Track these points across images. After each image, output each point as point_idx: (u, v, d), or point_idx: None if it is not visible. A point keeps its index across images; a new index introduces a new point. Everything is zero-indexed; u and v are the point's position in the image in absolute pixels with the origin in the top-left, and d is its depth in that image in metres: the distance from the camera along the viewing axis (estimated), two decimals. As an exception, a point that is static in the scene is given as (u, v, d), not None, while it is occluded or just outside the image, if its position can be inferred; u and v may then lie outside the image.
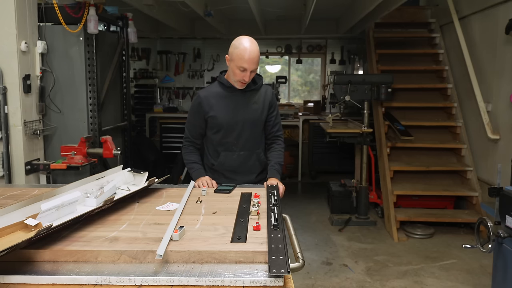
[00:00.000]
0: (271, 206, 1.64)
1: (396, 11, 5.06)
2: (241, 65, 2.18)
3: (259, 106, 2.39)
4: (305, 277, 3.47)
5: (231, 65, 2.25)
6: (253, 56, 2.18)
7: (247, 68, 2.19)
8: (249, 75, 2.22)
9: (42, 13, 3.28)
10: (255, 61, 2.20)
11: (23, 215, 1.32)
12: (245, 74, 2.21)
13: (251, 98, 2.38)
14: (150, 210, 1.64)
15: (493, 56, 4.34)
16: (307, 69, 8.10)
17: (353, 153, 5.30)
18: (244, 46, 2.18)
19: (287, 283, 1.10)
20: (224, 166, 2.40)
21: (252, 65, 2.19)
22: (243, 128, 2.37)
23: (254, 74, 2.30)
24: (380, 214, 4.98)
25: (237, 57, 2.19)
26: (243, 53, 2.17)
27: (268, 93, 2.44)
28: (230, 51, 2.24)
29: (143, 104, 7.67)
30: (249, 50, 2.17)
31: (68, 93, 3.43)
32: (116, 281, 1.10)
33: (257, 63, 2.23)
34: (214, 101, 2.35)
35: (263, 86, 2.44)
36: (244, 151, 2.39)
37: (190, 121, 2.44)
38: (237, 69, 2.21)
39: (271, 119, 2.45)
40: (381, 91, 4.72)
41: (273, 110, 2.45)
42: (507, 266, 2.42)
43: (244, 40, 2.21)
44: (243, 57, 2.17)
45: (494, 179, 3.27)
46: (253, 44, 2.20)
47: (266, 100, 2.41)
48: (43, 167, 3.20)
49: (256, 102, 2.38)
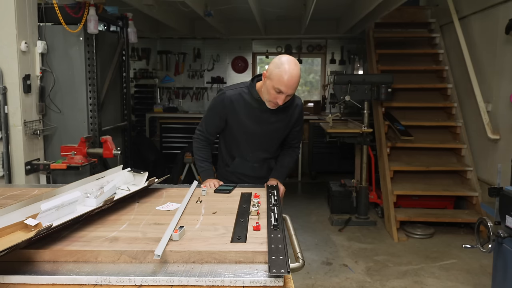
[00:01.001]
0: (271, 206, 1.64)
1: (396, 11, 5.06)
2: (278, 87, 2.02)
3: (283, 125, 2.29)
4: (305, 277, 3.47)
5: (267, 83, 2.08)
6: (294, 81, 2.02)
7: (284, 91, 2.03)
8: (283, 99, 2.07)
9: (42, 13, 3.28)
10: (294, 87, 2.04)
11: (23, 215, 1.32)
12: (280, 97, 2.06)
13: (277, 116, 2.24)
14: (150, 210, 1.64)
15: (493, 56, 4.34)
16: (307, 69, 8.09)
17: (353, 153, 5.30)
18: (286, 68, 2.00)
19: (287, 283, 1.10)
20: (237, 171, 2.41)
21: (290, 90, 2.04)
22: (261, 143, 2.32)
23: (290, 98, 2.14)
24: (380, 214, 4.98)
25: (276, 78, 2.02)
26: (284, 75, 1.99)
27: (297, 110, 2.30)
28: (270, 69, 2.06)
29: (143, 104, 7.68)
30: (291, 73, 2.00)
31: (68, 93, 3.43)
32: (116, 281, 1.10)
33: (296, 88, 2.06)
34: (238, 107, 2.23)
35: (295, 100, 2.29)
36: (259, 163, 2.38)
37: (210, 116, 2.33)
38: (272, 89, 2.05)
39: (291, 135, 2.39)
40: (381, 91, 4.73)
41: (297, 126, 2.36)
42: (507, 266, 2.42)
43: (288, 60, 2.03)
44: (283, 79, 2.00)
45: (494, 179, 3.27)
46: (296, 67, 2.03)
47: (293, 119, 2.30)
48: (43, 167, 3.20)
49: (282, 120, 2.27)
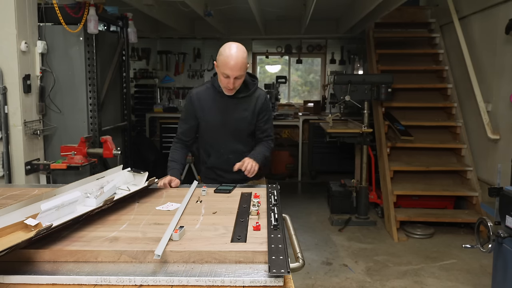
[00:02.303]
0: (271, 206, 1.64)
1: (396, 11, 5.06)
2: (224, 72, 2.15)
3: (248, 114, 2.34)
4: (305, 277, 3.47)
5: (218, 71, 2.23)
6: (236, 63, 2.12)
7: (230, 74, 2.14)
8: (232, 82, 2.17)
9: (42, 13, 3.28)
10: (238, 67, 2.13)
11: (23, 215, 1.32)
12: (229, 80, 2.16)
13: (241, 105, 2.33)
14: (150, 210, 1.64)
15: (493, 56, 4.34)
16: (307, 69, 8.09)
17: (353, 153, 5.30)
18: (227, 52, 2.13)
19: (287, 283, 1.10)
20: (214, 165, 2.42)
21: (235, 72, 2.13)
22: (231, 134, 2.35)
23: (241, 81, 2.23)
24: (380, 214, 4.98)
25: (221, 64, 2.15)
26: (227, 59, 2.12)
27: (260, 99, 2.36)
28: (217, 58, 2.21)
29: (143, 104, 7.67)
30: (233, 56, 2.11)
31: (68, 93, 3.43)
32: (116, 281, 1.10)
33: (242, 69, 2.16)
34: (204, 102, 2.33)
35: (257, 91, 2.37)
36: (233, 155, 2.36)
37: (181, 118, 2.44)
38: (221, 75, 2.18)
39: (259, 126, 2.39)
40: (381, 91, 4.72)
41: (263, 116, 2.38)
42: (507, 266, 2.42)
43: (229, 46, 2.16)
44: (227, 63, 2.12)
45: (494, 179, 3.26)
46: (238, 50, 2.14)
47: (257, 107, 2.34)
48: (43, 167, 3.20)
49: (246, 109, 2.33)
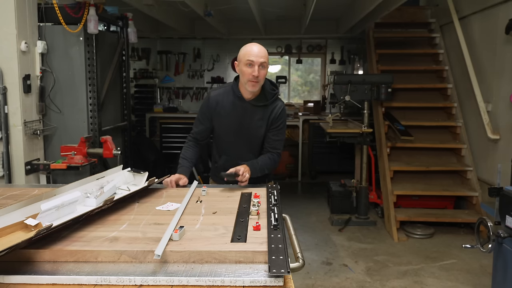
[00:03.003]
0: (271, 206, 1.64)
1: (396, 11, 5.06)
2: (248, 58, 2.14)
3: (263, 123, 2.32)
4: (305, 277, 3.47)
5: (240, 67, 2.21)
6: (260, 50, 2.16)
7: (255, 60, 2.13)
8: (257, 70, 2.13)
9: (42, 13, 3.28)
10: (262, 55, 2.15)
11: (23, 215, 1.32)
12: (253, 69, 2.13)
13: (257, 114, 2.31)
14: (150, 210, 1.64)
15: (493, 56, 4.34)
16: (307, 69, 8.09)
17: (353, 153, 5.30)
18: (249, 45, 2.21)
19: (287, 283, 1.10)
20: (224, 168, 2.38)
21: (259, 58, 2.13)
22: (243, 141, 2.36)
23: (264, 73, 2.19)
24: (380, 214, 4.97)
25: (244, 53, 2.18)
26: (250, 47, 2.17)
27: (276, 110, 2.32)
28: (238, 56, 2.23)
29: (143, 104, 7.67)
30: (255, 46, 2.18)
31: (68, 93, 3.43)
32: (116, 281, 1.10)
33: (265, 57, 2.17)
34: (221, 106, 2.32)
35: (276, 102, 2.34)
36: (243, 161, 2.34)
37: (198, 117, 2.42)
38: (245, 66, 2.16)
39: (269, 136, 2.35)
40: (381, 91, 4.72)
41: (276, 127, 2.34)
42: (507, 266, 2.42)
43: (249, 43, 2.24)
44: (250, 50, 2.16)
45: (494, 179, 3.26)
46: (259, 44, 2.22)
47: (271, 118, 2.32)
48: (43, 167, 3.20)
49: (262, 119, 2.31)
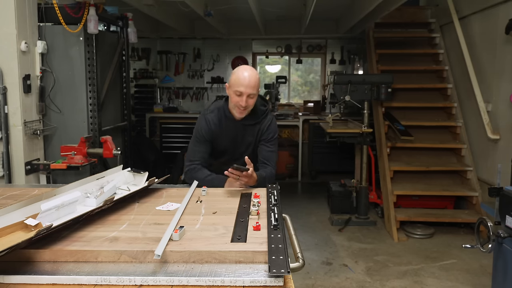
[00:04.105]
0: (271, 206, 1.64)
1: (396, 11, 5.06)
2: (237, 89, 2.17)
3: (253, 139, 2.37)
4: (305, 277, 3.47)
5: (230, 91, 2.24)
6: (250, 80, 2.16)
7: (243, 92, 2.16)
8: (245, 100, 2.18)
9: (42, 13, 3.28)
10: (251, 86, 2.16)
11: (23, 215, 1.32)
12: (241, 98, 2.18)
13: (248, 132, 2.36)
14: (150, 210, 1.64)
15: (493, 56, 4.34)
16: (307, 69, 8.09)
17: (353, 153, 5.30)
18: (241, 71, 2.19)
19: (287, 283, 1.10)
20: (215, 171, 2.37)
21: (248, 89, 2.16)
22: (235, 158, 2.36)
23: (253, 101, 2.23)
24: (380, 214, 4.97)
25: (234, 82, 2.19)
26: (240, 77, 2.17)
27: (264, 123, 2.36)
28: (229, 79, 2.25)
29: (143, 104, 7.67)
30: (247, 74, 2.17)
31: (68, 93, 3.43)
32: (116, 281, 1.10)
33: (255, 88, 2.18)
34: (216, 128, 2.35)
35: (266, 118, 2.37)
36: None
37: (196, 142, 2.36)
38: (234, 94, 2.20)
39: (262, 148, 2.37)
40: (381, 91, 4.72)
41: (265, 139, 2.35)
42: (507, 266, 2.42)
43: (242, 67, 2.24)
44: (240, 80, 2.16)
45: (494, 179, 3.26)
46: (252, 70, 2.21)
47: (260, 131, 2.36)
48: (43, 167, 3.20)
49: (252, 135, 2.36)
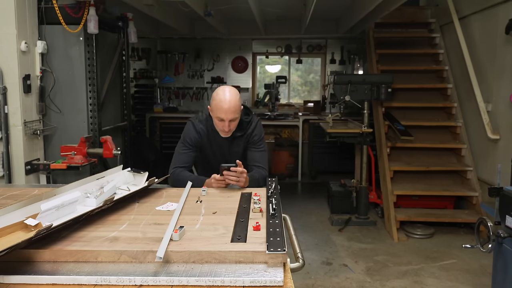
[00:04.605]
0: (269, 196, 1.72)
1: (396, 11, 5.05)
2: (218, 116, 2.20)
3: (240, 150, 2.41)
4: (305, 277, 3.47)
5: (212, 115, 2.28)
6: (229, 106, 2.16)
7: (224, 118, 2.19)
8: (227, 125, 2.22)
9: (42, 13, 3.28)
10: (232, 111, 2.18)
11: (23, 215, 1.32)
12: (224, 124, 2.21)
13: (235, 143, 2.39)
14: (150, 210, 1.64)
15: (493, 56, 4.34)
16: (307, 69, 8.09)
17: (353, 153, 5.30)
18: (221, 97, 2.18)
19: (287, 283, 1.10)
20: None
21: (229, 115, 2.18)
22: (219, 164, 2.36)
23: (235, 124, 2.27)
24: (380, 214, 4.97)
25: (215, 108, 2.21)
26: (220, 103, 2.17)
27: (250, 129, 2.38)
28: (211, 102, 2.26)
29: (143, 104, 7.67)
30: (226, 100, 2.17)
31: (68, 93, 3.43)
32: (116, 281, 1.10)
33: (236, 112, 2.20)
34: (204, 136, 2.38)
35: (251, 127, 2.39)
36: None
37: (182, 146, 2.40)
38: (216, 119, 2.23)
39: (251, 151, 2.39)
40: (381, 91, 4.72)
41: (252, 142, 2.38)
42: (507, 266, 2.42)
43: (222, 90, 2.21)
44: (221, 107, 2.17)
45: (494, 179, 3.26)
46: (231, 94, 2.19)
47: (246, 141, 2.40)
48: (43, 167, 3.20)
49: (239, 145, 2.40)
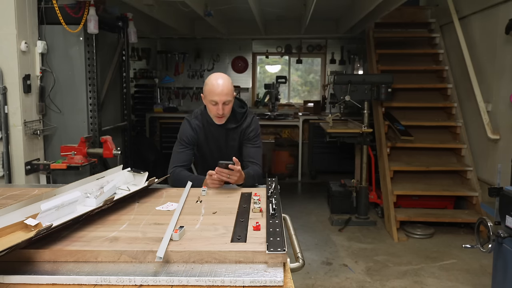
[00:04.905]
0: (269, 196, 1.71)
1: (396, 11, 5.05)
2: (212, 99, 2.23)
3: (236, 144, 2.42)
4: (305, 277, 3.47)
5: (206, 101, 2.31)
6: (223, 88, 2.21)
7: (218, 100, 2.21)
8: (221, 108, 2.24)
9: (42, 13, 3.28)
10: (225, 93, 2.21)
11: (23, 215, 1.32)
12: (218, 107, 2.23)
13: (231, 135, 2.40)
14: (150, 210, 1.64)
15: (493, 56, 4.34)
16: (307, 69, 8.09)
17: (353, 153, 5.30)
18: (213, 80, 2.24)
19: (287, 283, 1.10)
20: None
21: (222, 97, 2.21)
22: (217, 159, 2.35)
23: (229, 107, 2.29)
24: (380, 214, 4.97)
25: (208, 92, 2.24)
26: (213, 87, 2.22)
27: (245, 123, 2.40)
28: (203, 89, 2.30)
29: (143, 104, 7.67)
30: (219, 82, 2.22)
31: (68, 93, 3.43)
32: (116, 281, 1.10)
33: (229, 94, 2.24)
34: (200, 132, 2.40)
35: (246, 119, 2.41)
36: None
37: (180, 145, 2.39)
38: (210, 104, 2.26)
39: (246, 147, 2.41)
40: (381, 91, 4.72)
41: (247, 138, 2.40)
42: (507, 266, 2.42)
43: (214, 75, 2.28)
44: (213, 90, 2.21)
45: (494, 179, 3.26)
46: (223, 77, 2.25)
47: (242, 135, 2.41)
48: (43, 167, 3.20)
49: (235, 139, 2.41)
